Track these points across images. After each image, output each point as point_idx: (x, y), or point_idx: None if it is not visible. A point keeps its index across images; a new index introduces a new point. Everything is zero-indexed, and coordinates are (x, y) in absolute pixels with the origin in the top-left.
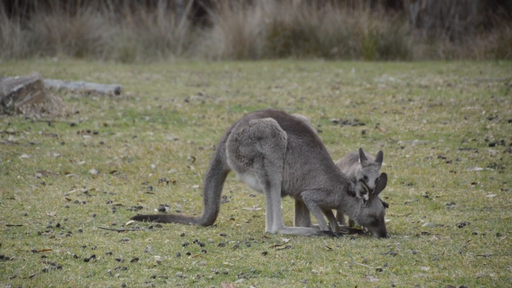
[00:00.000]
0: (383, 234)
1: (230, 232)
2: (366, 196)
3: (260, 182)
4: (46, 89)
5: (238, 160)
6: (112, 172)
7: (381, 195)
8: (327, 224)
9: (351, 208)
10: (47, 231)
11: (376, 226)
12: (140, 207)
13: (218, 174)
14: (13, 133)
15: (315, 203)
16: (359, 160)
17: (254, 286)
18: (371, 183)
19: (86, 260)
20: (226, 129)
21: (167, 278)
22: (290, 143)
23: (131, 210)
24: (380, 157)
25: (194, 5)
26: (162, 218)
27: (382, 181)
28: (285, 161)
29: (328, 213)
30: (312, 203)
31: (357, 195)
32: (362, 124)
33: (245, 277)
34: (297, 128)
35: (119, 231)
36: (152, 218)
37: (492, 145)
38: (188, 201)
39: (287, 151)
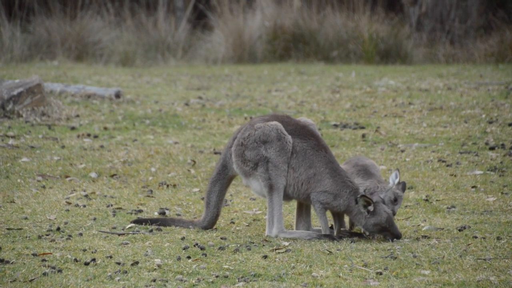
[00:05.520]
0: (396, 236)
1: (230, 235)
2: (371, 208)
3: (263, 185)
4: (46, 93)
5: (244, 165)
6: (112, 176)
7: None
8: (329, 228)
9: (356, 217)
10: (47, 235)
11: (387, 231)
12: (140, 211)
13: (223, 179)
14: (13, 137)
15: (321, 205)
16: (396, 181)
17: None
18: (396, 209)
19: (86, 264)
20: (233, 134)
21: (167, 281)
22: (295, 147)
23: (131, 213)
24: (404, 188)
25: (194, 9)
26: (162, 221)
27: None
28: (289, 165)
29: (335, 215)
30: (318, 204)
31: (361, 209)
32: (362, 128)
33: (245, 281)
34: (302, 132)
35: (119, 235)
36: (152, 221)
37: (492, 148)
38: (188, 205)
39: (292, 155)
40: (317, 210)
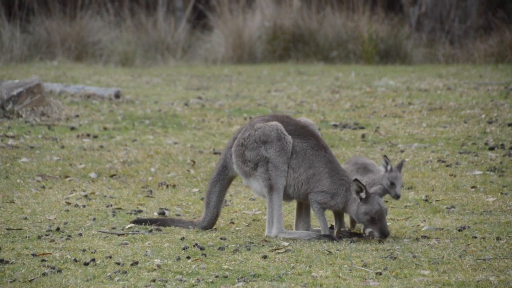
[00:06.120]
0: (382, 233)
1: (230, 235)
2: (363, 195)
3: (263, 186)
4: (46, 93)
5: (244, 165)
6: (112, 176)
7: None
8: (328, 228)
9: (351, 206)
10: (46, 235)
11: (374, 225)
12: (140, 211)
13: (223, 180)
14: (13, 137)
15: (319, 205)
16: (387, 167)
17: None
18: (398, 190)
19: (86, 264)
20: (233, 134)
21: (167, 281)
22: (295, 148)
23: (130, 213)
24: (401, 165)
25: (194, 9)
26: (161, 221)
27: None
28: (289, 165)
29: (335, 215)
30: (316, 204)
31: (354, 195)
32: (362, 128)
33: (245, 281)
34: (302, 132)
35: (118, 235)
36: (152, 221)
37: (491, 148)
38: (187, 205)
39: (292, 155)
40: (315, 210)
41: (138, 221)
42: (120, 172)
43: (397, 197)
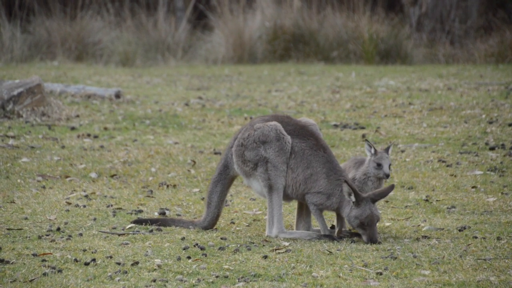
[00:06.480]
0: (370, 239)
1: (230, 235)
2: (353, 198)
3: (263, 186)
4: (46, 93)
5: (244, 165)
6: (112, 176)
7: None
8: (328, 228)
9: (344, 208)
10: (47, 235)
11: (364, 230)
12: (141, 211)
13: (225, 179)
14: (13, 137)
15: (315, 206)
16: (371, 151)
17: None
18: (386, 169)
19: (87, 264)
20: (234, 134)
21: (167, 281)
22: (293, 148)
23: (131, 213)
24: (388, 148)
25: (195, 9)
26: (162, 221)
27: (387, 190)
28: (288, 165)
29: (337, 215)
30: (312, 206)
31: (346, 196)
32: (362, 128)
33: (245, 281)
34: (301, 133)
35: (119, 235)
36: (152, 221)
37: (492, 148)
38: (188, 205)
39: (290, 155)
40: (312, 212)
41: (138, 221)
42: (121, 172)
43: (386, 176)
